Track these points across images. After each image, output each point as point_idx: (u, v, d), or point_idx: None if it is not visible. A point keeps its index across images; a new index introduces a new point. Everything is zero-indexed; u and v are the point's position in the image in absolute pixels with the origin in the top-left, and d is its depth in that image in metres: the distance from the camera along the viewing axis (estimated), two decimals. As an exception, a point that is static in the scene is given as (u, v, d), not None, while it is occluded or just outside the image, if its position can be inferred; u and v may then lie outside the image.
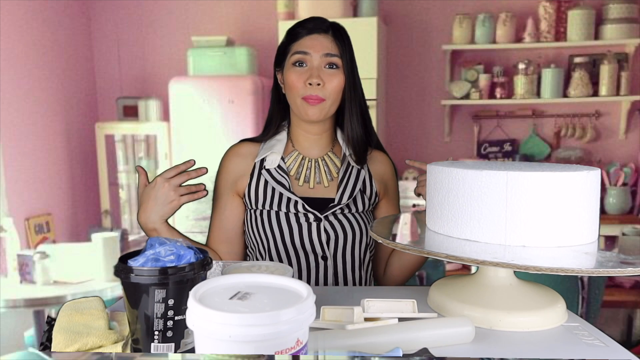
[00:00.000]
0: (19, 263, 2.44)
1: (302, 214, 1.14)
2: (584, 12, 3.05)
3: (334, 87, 1.14)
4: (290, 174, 1.19)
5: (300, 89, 1.13)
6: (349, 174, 1.20)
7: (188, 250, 0.68)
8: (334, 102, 1.16)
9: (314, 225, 1.14)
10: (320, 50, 1.14)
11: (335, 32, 1.17)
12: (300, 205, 1.14)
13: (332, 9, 2.91)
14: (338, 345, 0.69)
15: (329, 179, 1.19)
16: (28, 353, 0.74)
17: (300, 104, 1.14)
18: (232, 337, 0.47)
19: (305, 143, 1.21)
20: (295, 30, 1.18)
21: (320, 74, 1.13)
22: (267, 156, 1.19)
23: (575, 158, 3.24)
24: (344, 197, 1.17)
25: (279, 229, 1.14)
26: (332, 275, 1.15)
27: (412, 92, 3.43)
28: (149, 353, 0.65)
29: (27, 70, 3.04)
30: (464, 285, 0.88)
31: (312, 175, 1.19)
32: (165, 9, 3.53)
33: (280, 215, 1.15)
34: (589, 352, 0.72)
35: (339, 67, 1.15)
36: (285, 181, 1.16)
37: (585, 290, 2.14)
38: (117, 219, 3.50)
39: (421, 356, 0.69)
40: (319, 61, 1.14)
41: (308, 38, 1.15)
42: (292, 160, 1.20)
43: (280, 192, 1.15)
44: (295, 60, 1.15)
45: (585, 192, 0.80)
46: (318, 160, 1.21)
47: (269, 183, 1.17)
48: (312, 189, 1.18)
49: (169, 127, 3.26)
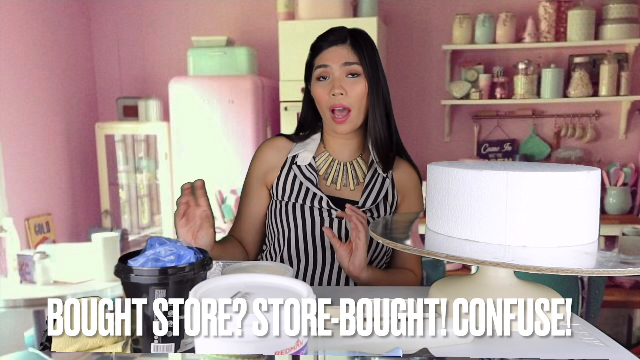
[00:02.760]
0: (19, 263, 2.44)
1: (325, 210, 1.18)
2: (584, 12, 3.05)
3: (357, 95, 1.17)
4: (319, 173, 1.23)
5: (327, 101, 1.17)
6: (375, 180, 1.23)
7: (188, 250, 0.68)
8: (359, 110, 1.18)
9: (335, 221, 1.18)
10: (338, 61, 1.17)
11: (353, 40, 1.19)
12: (325, 201, 1.18)
13: (332, 9, 2.91)
14: (338, 345, 0.69)
15: (355, 183, 1.23)
16: (28, 353, 0.75)
17: (329, 118, 1.18)
18: (232, 337, 0.47)
19: (336, 147, 1.25)
20: (317, 45, 1.21)
21: (342, 84, 1.16)
22: (300, 153, 1.23)
23: (575, 158, 3.24)
24: (368, 202, 1.20)
25: (302, 221, 1.18)
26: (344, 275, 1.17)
27: (412, 92, 3.43)
28: (149, 353, 0.65)
29: (27, 70, 3.04)
30: (464, 285, 0.88)
31: (340, 178, 1.23)
32: (165, 9, 3.53)
33: (305, 208, 1.18)
34: (589, 352, 0.72)
35: (360, 74, 1.17)
36: (313, 178, 1.20)
37: (585, 290, 2.14)
38: (117, 219, 3.50)
39: (421, 356, 0.69)
40: (339, 72, 1.17)
41: (327, 51, 1.19)
42: (322, 160, 1.24)
43: (308, 187, 1.19)
44: (319, 74, 1.19)
45: (585, 192, 0.80)
46: (347, 164, 1.25)
47: (298, 177, 1.21)
48: (339, 190, 1.22)
49: (169, 127, 3.26)
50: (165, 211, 3.36)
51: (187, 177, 3.17)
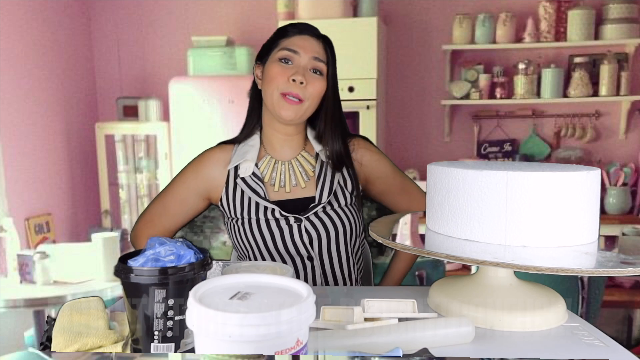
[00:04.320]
0: (19, 263, 2.44)
1: (282, 219, 1.14)
2: (584, 12, 3.05)
3: (316, 90, 1.13)
4: (265, 181, 1.17)
5: (282, 83, 1.12)
6: (325, 170, 1.18)
7: (188, 250, 0.68)
8: (311, 105, 1.15)
9: (294, 227, 1.13)
10: (310, 52, 1.14)
11: (325, 41, 1.18)
12: (277, 212, 1.13)
13: (332, 9, 2.91)
14: (338, 345, 0.69)
15: (305, 179, 1.18)
16: (28, 353, 0.74)
17: (277, 100, 1.12)
18: (232, 337, 0.47)
19: (277, 145, 1.20)
20: (288, 29, 1.18)
21: (305, 74, 1.12)
22: (241, 164, 1.18)
23: (575, 158, 3.24)
24: (324, 196, 1.15)
25: (260, 236, 1.14)
26: (321, 275, 1.15)
27: (412, 92, 3.42)
28: (149, 353, 0.65)
29: (27, 70, 3.04)
30: (464, 285, 0.88)
31: (287, 179, 1.18)
32: (165, 9, 3.53)
33: (261, 222, 1.14)
34: (589, 352, 0.72)
35: (323, 75, 1.15)
36: (260, 189, 1.16)
37: (585, 290, 2.14)
38: (117, 219, 3.50)
39: (421, 356, 0.69)
40: (306, 62, 1.13)
41: (299, 37, 1.15)
42: (265, 165, 1.19)
43: (257, 201, 1.15)
44: (283, 56, 1.14)
45: (585, 192, 0.80)
46: (292, 162, 1.20)
47: (245, 193, 1.16)
48: (289, 192, 1.17)
49: (169, 127, 3.26)
50: (165, 211, 3.36)
51: (187, 177, 3.18)
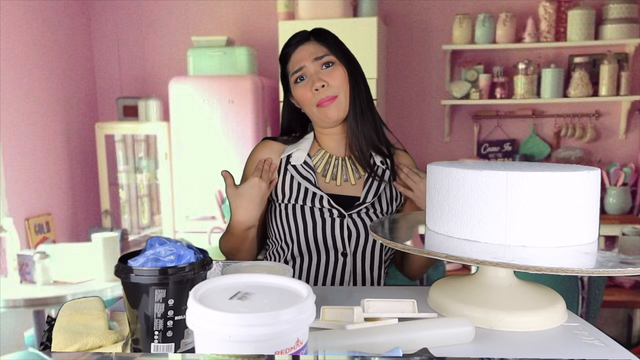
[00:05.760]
0: (19, 263, 2.44)
1: (326, 210, 1.17)
2: (584, 12, 3.05)
3: (336, 80, 1.17)
4: (317, 171, 1.21)
5: (310, 98, 1.17)
6: (375, 174, 1.22)
7: (188, 250, 0.68)
8: (345, 95, 1.18)
9: (337, 221, 1.16)
10: (309, 57, 1.18)
11: (316, 36, 1.20)
12: (326, 200, 1.16)
13: (332, 9, 2.91)
14: (338, 345, 0.69)
15: (356, 177, 1.22)
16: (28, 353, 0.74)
17: (317, 111, 1.18)
18: (232, 337, 0.47)
19: (331, 143, 1.25)
20: (284, 53, 1.23)
21: (320, 77, 1.16)
22: (293, 153, 1.22)
23: (575, 158, 3.24)
24: (369, 196, 1.19)
25: (302, 223, 1.17)
26: (350, 273, 1.17)
27: (412, 92, 3.42)
28: (149, 353, 0.65)
29: (27, 70, 3.04)
30: (464, 285, 0.88)
31: (339, 173, 1.22)
32: (165, 9, 3.53)
33: (305, 209, 1.17)
34: (589, 352, 0.72)
35: (335, 62, 1.18)
36: (311, 177, 1.19)
37: (585, 290, 2.14)
38: (117, 219, 3.50)
39: (421, 356, 0.69)
40: (313, 67, 1.18)
41: (296, 53, 1.20)
42: (319, 158, 1.23)
43: (306, 187, 1.18)
44: (296, 78, 1.20)
45: (585, 192, 0.80)
46: (345, 159, 1.24)
47: (295, 178, 1.19)
48: (339, 186, 1.20)
49: (169, 127, 3.26)
50: (165, 211, 3.36)
51: (187, 177, 3.18)
